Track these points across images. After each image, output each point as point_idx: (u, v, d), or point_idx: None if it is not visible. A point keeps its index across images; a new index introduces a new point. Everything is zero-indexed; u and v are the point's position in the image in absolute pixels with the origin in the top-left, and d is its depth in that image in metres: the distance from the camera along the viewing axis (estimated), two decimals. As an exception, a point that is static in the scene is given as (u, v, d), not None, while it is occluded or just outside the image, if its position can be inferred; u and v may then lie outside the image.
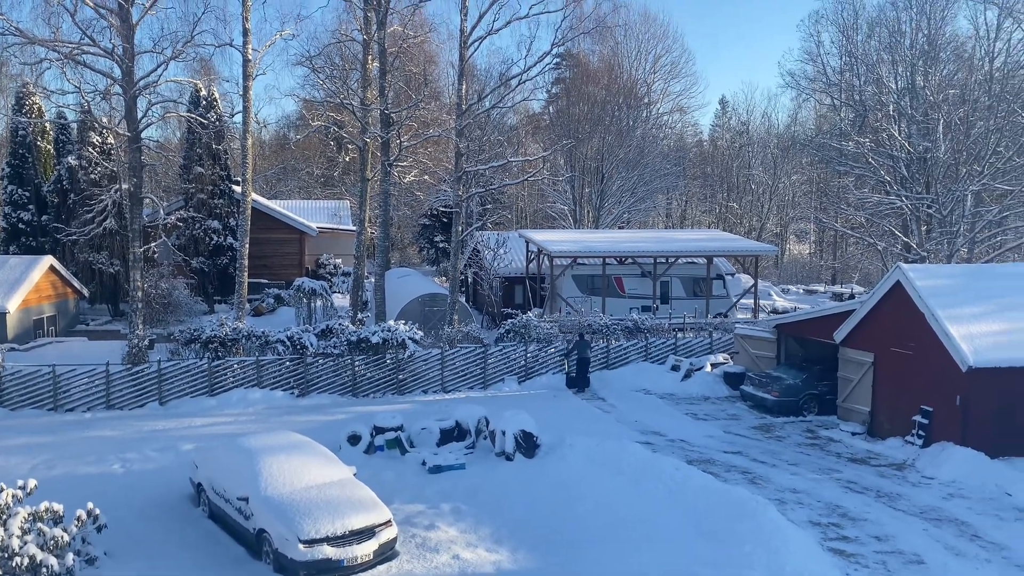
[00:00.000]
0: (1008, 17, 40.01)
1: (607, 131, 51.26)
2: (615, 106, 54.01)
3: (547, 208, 58.48)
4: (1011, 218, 34.84)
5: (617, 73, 58.47)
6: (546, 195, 57.88)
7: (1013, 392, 17.68)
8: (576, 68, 60.70)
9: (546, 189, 55.85)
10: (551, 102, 64.45)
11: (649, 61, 62.04)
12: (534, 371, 25.96)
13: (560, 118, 56.27)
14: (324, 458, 13.88)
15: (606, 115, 52.42)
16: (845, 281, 54.53)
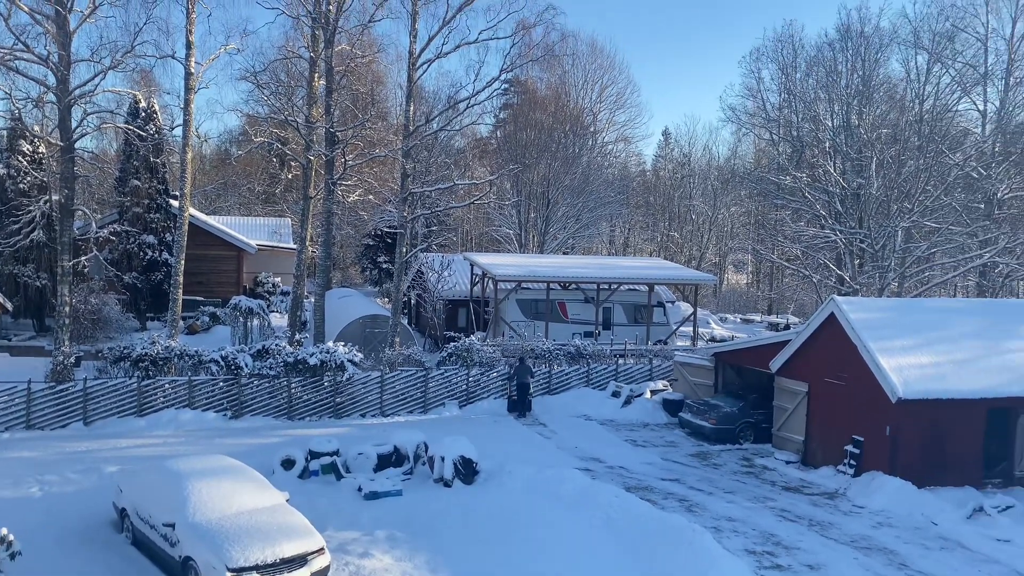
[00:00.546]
0: (937, 62, 41.88)
1: (553, 157, 51.73)
2: (562, 133, 54.59)
3: (493, 232, 58.58)
4: (938, 254, 36.19)
5: (564, 101, 59.18)
6: (492, 219, 58.00)
7: (939, 423, 18.23)
8: (524, 95, 61.25)
9: (492, 213, 55.96)
10: (499, 127, 64.84)
11: (595, 91, 63.06)
12: (476, 396, 25.77)
13: (507, 143, 56.60)
14: (256, 483, 13.46)
15: (553, 142, 52.92)
16: (781, 311, 55.81)
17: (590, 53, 62.28)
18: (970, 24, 42.78)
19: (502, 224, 54.81)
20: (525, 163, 49.35)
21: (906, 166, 34.96)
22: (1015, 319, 21.27)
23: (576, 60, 59.05)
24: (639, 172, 74.52)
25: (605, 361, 28.87)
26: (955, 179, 35.93)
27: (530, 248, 51.24)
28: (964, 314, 21.40)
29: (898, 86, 44.29)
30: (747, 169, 59.74)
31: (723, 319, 50.63)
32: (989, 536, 15.56)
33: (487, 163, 59.99)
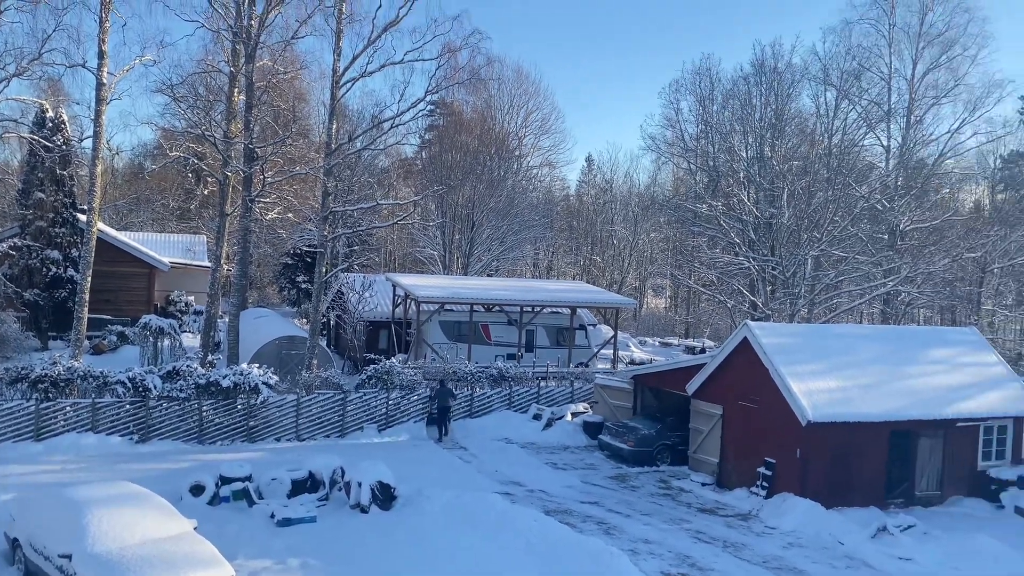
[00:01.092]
0: (845, 99, 43.99)
1: (479, 180, 51.92)
2: (487, 156, 54.90)
3: (416, 252, 58.24)
4: (845, 282, 37.74)
5: (490, 124, 59.60)
6: (416, 239, 57.67)
7: (846, 445, 18.89)
8: (450, 117, 61.42)
9: (416, 234, 55.66)
10: (424, 148, 64.75)
11: (521, 115, 63.74)
12: (396, 419, 25.41)
13: (432, 164, 56.54)
14: (161, 510, 12.88)
15: (478, 164, 53.16)
16: (697, 335, 57.16)
17: (516, 78, 63.05)
18: (875, 64, 45.14)
19: (426, 245, 54.59)
20: (450, 184, 49.36)
21: (815, 197, 36.45)
22: (915, 345, 22.31)
23: (502, 85, 59.68)
24: (563, 197, 75.54)
25: (527, 384, 28.93)
26: (861, 210, 37.65)
27: (454, 270, 51.14)
28: (869, 340, 22.31)
29: (808, 120, 46.28)
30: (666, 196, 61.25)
31: (643, 342, 51.51)
32: (892, 555, 16.13)
33: (412, 183, 59.77)
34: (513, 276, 61.37)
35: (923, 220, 38.87)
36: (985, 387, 21.21)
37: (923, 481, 20.24)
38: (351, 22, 28.32)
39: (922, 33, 44.09)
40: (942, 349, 22.43)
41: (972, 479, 20.55)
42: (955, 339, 23.44)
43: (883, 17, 44.87)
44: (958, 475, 20.45)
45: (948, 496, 20.35)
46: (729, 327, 40.80)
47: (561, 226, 69.58)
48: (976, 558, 15.68)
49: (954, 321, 45.51)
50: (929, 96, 44.66)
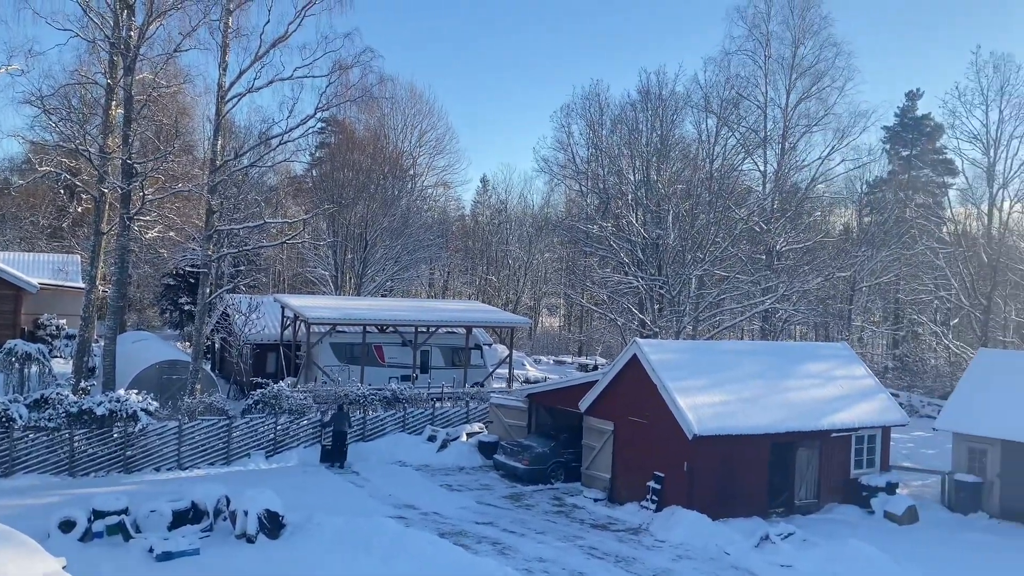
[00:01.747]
0: (724, 126, 46.11)
1: (372, 199, 51.34)
2: (380, 175, 54.41)
3: (307, 273, 56.88)
4: (727, 300, 39.38)
5: (383, 143, 59.12)
6: (307, 259, 56.34)
7: (731, 458, 19.62)
8: (342, 134, 60.55)
9: (307, 253, 54.39)
10: (315, 165, 63.55)
11: (415, 135, 63.56)
12: (285, 445, 24.62)
13: (324, 182, 55.54)
14: (24, 549, 11.91)
15: (371, 183, 52.59)
16: (590, 353, 58.24)
17: (409, 98, 62.86)
18: (752, 93, 47.55)
19: (317, 265, 53.43)
20: (342, 203, 48.61)
21: (699, 219, 37.98)
22: (792, 360, 23.47)
23: (396, 104, 59.31)
24: (458, 217, 75.71)
25: (422, 405, 28.64)
26: (740, 232, 39.45)
27: (347, 290, 50.25)
28: (750, 355, 23.32)
29: (691, 146, 48.22)
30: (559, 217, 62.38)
31: (537, 361, 52.02)
32: (774, 563, 16.79)
33: (302, 202, 58.49)
34: (408, 296, 60.88)
35: (797, 241, 41.07)
36: (856, 399, 22.52)
37: (802, 490, 21.23)
38: (238, 36, 27.55)
39: (794, 65, 46.82)
40: (817, 363, 23.68)
41: (846, 486, 21.71)
42: (828, 354, 24.81)
43: (759, 49, 47.42)
44: (833, 483, 21.57)
45: (825, 503, 21.42)
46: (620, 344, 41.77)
47: (457, 246, 69.65)
48: (851, 562, 16.51)
49: (827, 337, 48.17)
50: (802, 124, 47.40)
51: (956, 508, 21.66)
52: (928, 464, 26.53)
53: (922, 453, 29.17)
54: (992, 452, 21.66)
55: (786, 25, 47.16)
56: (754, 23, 47.46)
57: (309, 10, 27.02)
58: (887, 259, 44.68)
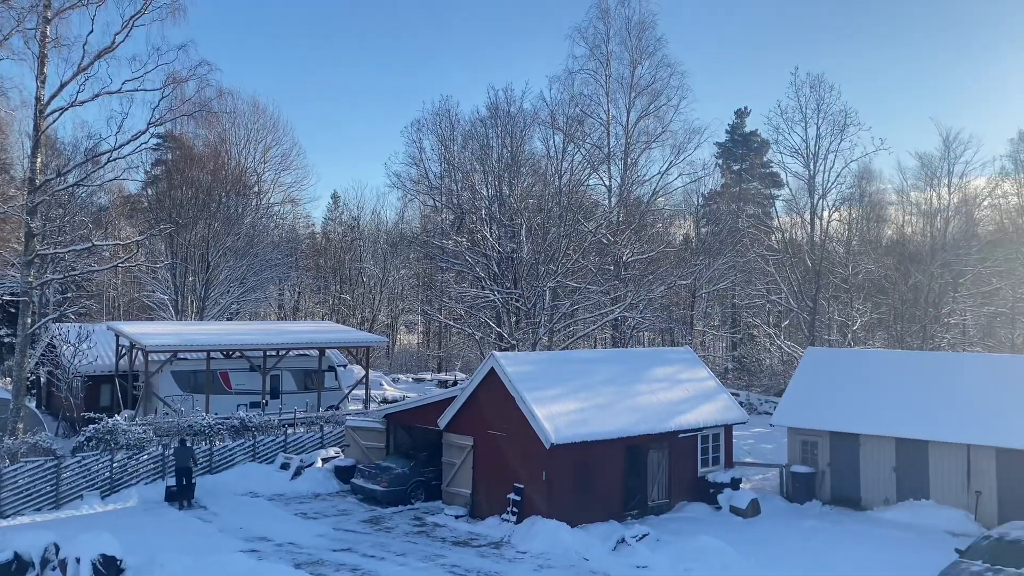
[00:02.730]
0: (571, 142, 47.52)
1: (213, 218, 49.00)
2: (222, 192, 52.05)
3: (144, 298, 53.42)
4: (580, 310, 40.50)
5: (225, 160, 56.64)
6: (143, 284, 52.91)
7: (587, 464, 20.07)
8: (179, 151, 57.45)
9: (143, 277, 51.12)
10: (151, 183, 59.88)
11: (259, 151, 61.36)
12: (123, 483, 22.90)
13: (161, 201, 52.42)
14: None
15: (212, 201, 50.19)
16: (450, 368, 58.14)
17: (252, 112, 60.65)
18: (595, 111, 49.38)
19: (155, 289, 50.30)
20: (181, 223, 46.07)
21: (550, 232, 38.87)
22: (641, 366, 24.39)
23: (237, 118, 57.07)
24: (309, 234, 73.59)
25: (273, 432, 27.51)
26: (590, 244, 40.75)
27: (189, 315, 47.58)
28: (603, 363, 24.03)
29: (541, 161, 49.31)
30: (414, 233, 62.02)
31: (396, 379, 51.30)
32: (631, 564, 17.30)
33: (137, 222, 54.92)
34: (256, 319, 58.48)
35: (642, 252, 42.89)
36: (700, 400, 23.69)
37: (654, 491, 22.04)
38: (58, 46, 25.53)
39: (633, 84, 49.06)
40: (664, 367, 24.73)
41: (694, 485, 22.75)
42: (674, 358, 25.98)
43: (600, 68, 49.33)
44: (683, 482, 22.55)
45: (676, 502, 22.34)
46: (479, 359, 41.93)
47: (307, 265, 67.66)
48: (701, 557, 17.29)
49: (672, 342, 50.53)
50: (642, 141, 49.68)
51: (793, 498, 23.18)
52: (767, 458, 28.32)
53: (762, 448, 31.08)
54: (822, 444, 23.38)
55: (624, 46, 49.41)
56: (595, 43, 49.41)
57: (138, 20, 25.49)
58: (723, 267, 47.48)
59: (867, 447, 22.54)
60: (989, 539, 15.56)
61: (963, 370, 23.11)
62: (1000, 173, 48.84)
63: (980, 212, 50.37)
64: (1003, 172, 48.68)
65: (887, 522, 20.87)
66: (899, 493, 21.90)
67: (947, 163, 47.19)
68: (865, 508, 22.28)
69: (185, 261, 48.02)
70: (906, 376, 23.45)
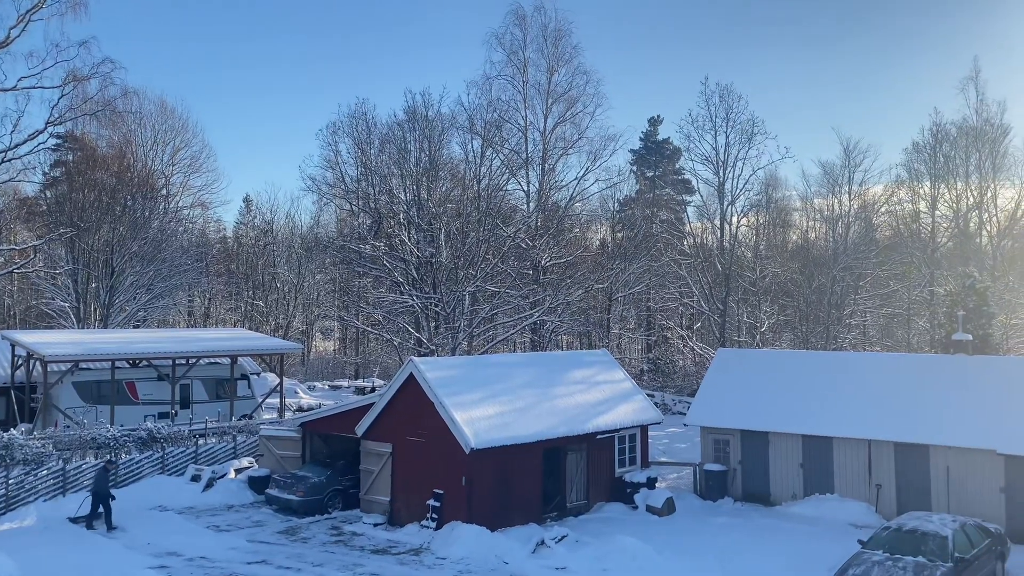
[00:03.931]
0: (489, 147, 47.63)
1: (118, 221, 47.05)
2: (128, 195, 50.02)
3: (43, 305, 50.82)
4: (499, 315, 40.69)
5: (131, 161, 54.43)
6: (42, 290, 50.32)
7: (506, 468, 20.13)
8: (81, 151, 54.87)
9: (41, 283, 48.62)
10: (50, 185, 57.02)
11: (167, 152, 59.22)
12: (20, 501, 21.66)
13: (61, 204, 49.99)
14: None
15: (117, 204, 48.16)
16: (367, 375, 57.39)
17: (159, 113, 58.49)
18: (513, 116, 49.64)
19: (55, 296, 47.94)
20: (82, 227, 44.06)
21: (469, 237, 38.92)
22: (560, 368, 24.64)
23: (143, 119, 54.97)
24: (219, 239, 71.45)
25: (183, 443, 26.55)
26: (509, 249, 40.97)
27: (91, 323, 45.50)
28: (522, 366, 24.14)
29: (459, 166, 49.33)
30: (330, 237, 60.94)
31: (311, 387, 50.33)
32: (550, 566, 17.44)
33: (35, 226, 52.24)
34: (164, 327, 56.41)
35: (560, 256, 43.42)
36: (617, 401, 24.09)
37: (573, 492, 22.28)
38: (-55, 39, 24.14)
39: (550, 91, 49.59)
40: (582, 370, 25.05)
41: (612, 485, 23.11)
42: (591, 360, 26.34)
43: (517, 74, 49.67)
44: (601, 483, 22.87)
45: (594, 503, 22.63)
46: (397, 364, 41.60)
47: (219, 270, 65.69)
48: (618, 557, 17.58)
49: (590, 344, 51.27)
50: (559, 147, 50.23)
51: (707, 496, 23.81)
52: (682, 457, 29.03)
53: (676, 447, 31.84)
54: (733, 442, 24.11)
55: (541, 53, 49.89)
56: (512, 50, 49.70)
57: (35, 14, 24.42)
58: (638, 271, 48.51)
59: (776, 444, 23.36)
60: (888, 530, 16.35)
61: (863, 369, 24.21)
62: (896, 181, 51.57)
63: (878, 218, 53.02)
64: (899, 180, 51.41)
65: (795, 516, 21.67)
66: (806, 488, 22.77)
67: (848, 171, 49.65)
68: (775, 503, 23.07)
69: (88, 267, 45.91)
70: (811, 375, 24.42)
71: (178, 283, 52.92)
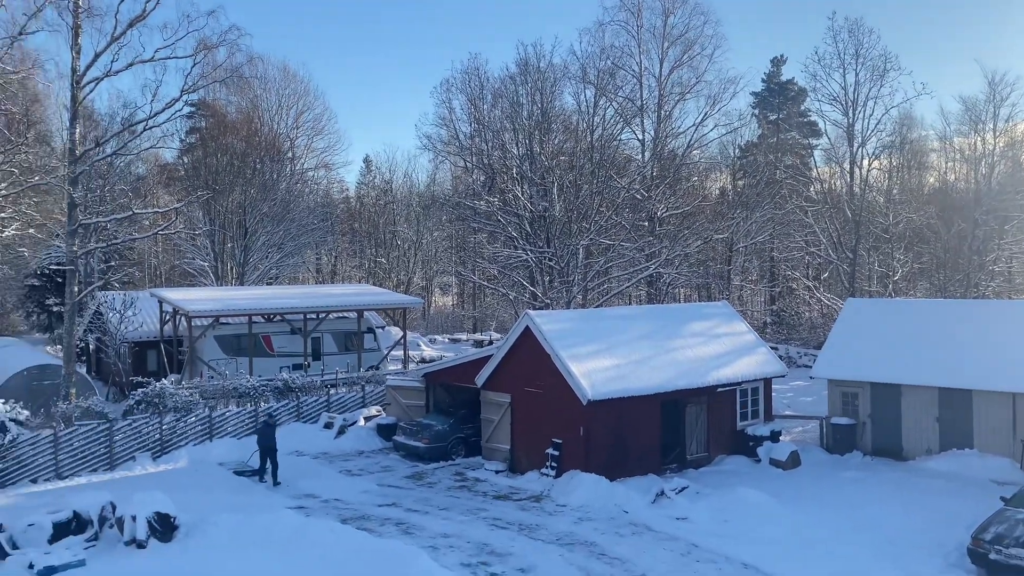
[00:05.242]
0: (602, 96, 46.80)
1: (249, 184, 49.50)
2: (256, 159, 52.47)
3: (185, 265, 54.39)
4: (614, 268, 40.40)
5: (258, 126, 56.99)
6: (184, 251, 53.85)
7: (624, 419, 20.18)
8: (213, 118, 57.88)
9: (183, 244, 52.01)
10: (186, 151, 60.57)
11: (291, 116, 61.56)
12: (172, 444, 23.60)
13: (197, 169, 53.05)
14: None
15: (247, 167, 50.64)
16: (484, 329, 58.49)
17: (283, 78, 60.75)
18: (627, 63, 48.38)
19: (195, 256, 51.17)
20: (217, 189, 46.61)
21: (582, 190, 38.59)
22: (678, 321, 24.30)
23: (268, 84, 57.30)
24: (343, 199, 74.03)
25: (316, 393, 28.07)
26: (623, 200, 40.36)
27: (229, 281, 48.39)
28: (638, 319, 23.98)
29: (572, 117, 48.74)
30: (446, 195, 61.94)
31: (432, 340, 51.84)
32: (670, 516, 17.47)
33: (174, 190, 55.74)
34: (295, 283, 59.26)
35: (677, 207, 42.41)
36: (739, 354, 23.58)
37: (693, 445, 22.12)
38: (91, 16, 25.79)
39: (666, 34, 47.95)
40: (701, 322, 24.61)
41: (733, 438, 22.77)
42: (711, 312, 25.84)
43: (631, 19, 48.23)
44: (722, 436, 22.58)
45: (715, 456, 22.41)
46: (513, 318, 42.14)
47: (343, 229, 68.19)
48: (741, 508, 17.38)
49: (709, 297, 50.13)
50: (676, 92, 48.69)
51: (834, 450, 23.11)
52: (807, 411, 28.20)
53: (801, 401, 30.94)
54: (863, 395, 23.19)
55: (656, -6, 48.16)
56: (625, -7, 48.21)
57: (167, -13, 25.60)
58: (761, 220, 46.77)
59: (909, 397, 22.30)
60: (1035, 487, 15.41)
61: (1009, 318, 22.65)
62: (1049, 114, 47.17)
63: (1027, 156, 48.82)
64: (1052, 113, 47.01)
65: (929, 471, 20.74)
66: (942, 443, 21.70)
67: (992, 106, 45.69)
68: (907, 458, 22.13)
69: (223, 227, 48.71)
70: (949, 325, 23.06)
71: (306, 242, 55.33)
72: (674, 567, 14.65)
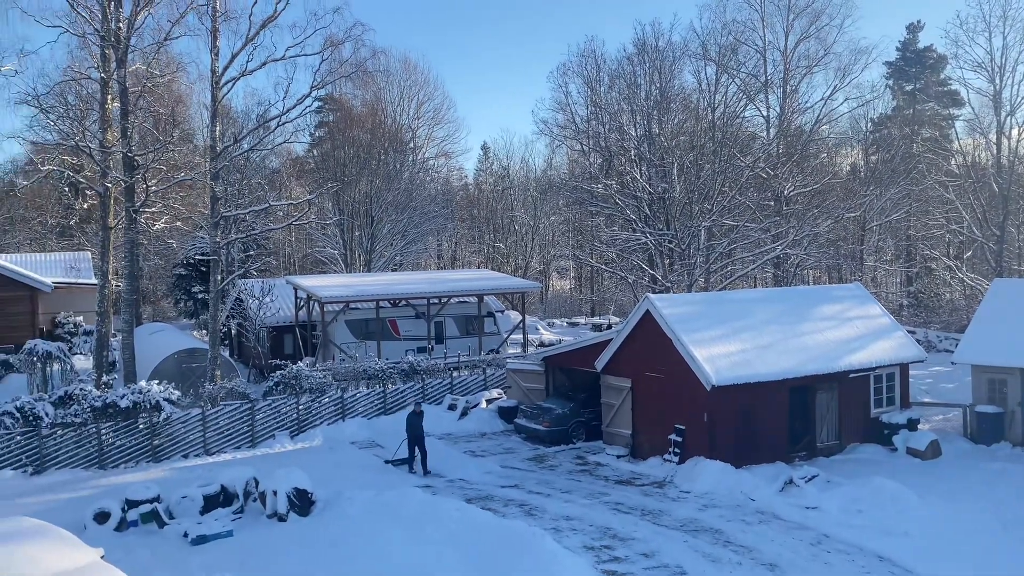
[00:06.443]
0: (724, 73, 45.47)
1: (374, 174, 51.25)
2: (381, 150, 54.23)
3: (316, 253, 57.04)
4: (738, 250, 39.24)
5: (381, 118, 58.82)
6: (315, 240, 56.48)
7: (750, 405, 19.69)
8: (339, 112, 60.25)
9: (314, 233, 54.54)
10: (315, 145, 63.34)
11: (412, 107, 63.16)
12: (308, 423, 24.89)
13: (325, 161, 55.43)
14: (62, 542, 12.16)
15: (372, 158, 52.44)
16: (603, 312, 58.26)
17: (404, 70, 62.35)
18: (750, 37, 46.85)
19: (326, 244, 53.56)
20: (345, 181, 48.55)
21: (704, 170, 37.64)
22: (807, 304, 23.41)
23: (390, 77, 58.90)
24: (461, 186, 75.44)
25: (440, 375, 28.85)
26: (747, 180, 39.10)
27: (357, 267, 50.38)
28: (764, 303, 23.26)
29: (692, 96, 47.62)
30: (562, 179, 61.96)
31: (551, 324, 52.15)
32: (799, 505, 16.94)
33: (305, 182, 58.43)
34: (418, 269, 60.95)
35: (805, 185, 40.72)
36: (873, 338, 22.49)
37: (823, 432, 21.32)
38: (227, 20, 27.35)
39: (791, 5, 46.04)
40: (831, 305, 23.61)
41: (867, 426, 21.79)
42: (842, 295, 24.72)
43: (754, -8, 46.54)
44: (854, 423, 21.64)
45: (847, 444, 21.51)
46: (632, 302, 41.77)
47: (462, 215, 69.53)
48: (875, 499, 16.64)
49: (840, 279, 47.97)
50: (802, 66, 46.76)
51: (979, 439, 21.72)
52: (948, 398, 26.57)
53: (942, 388, 29.18)
54: (1012, 381, 21.63)
55: (780, -35, 46.23)
56: (748, -36, 46.52)
57: (296, -12, 26.77)
58: (896, 196, 44.27)
59: (1066, 385, 20.64)
60: None
61: None
62: None
63: None
64: None
65: (1090, 466, 19.18)
66: (1105, 435, 20.00)
67: None
68: (1064, 451, 20.54)
69: (351, 217, 50.69)
70: (1114, 307, 21.15)
71: (428, 229, 56.81)
72: (803, 557, 14.24)
